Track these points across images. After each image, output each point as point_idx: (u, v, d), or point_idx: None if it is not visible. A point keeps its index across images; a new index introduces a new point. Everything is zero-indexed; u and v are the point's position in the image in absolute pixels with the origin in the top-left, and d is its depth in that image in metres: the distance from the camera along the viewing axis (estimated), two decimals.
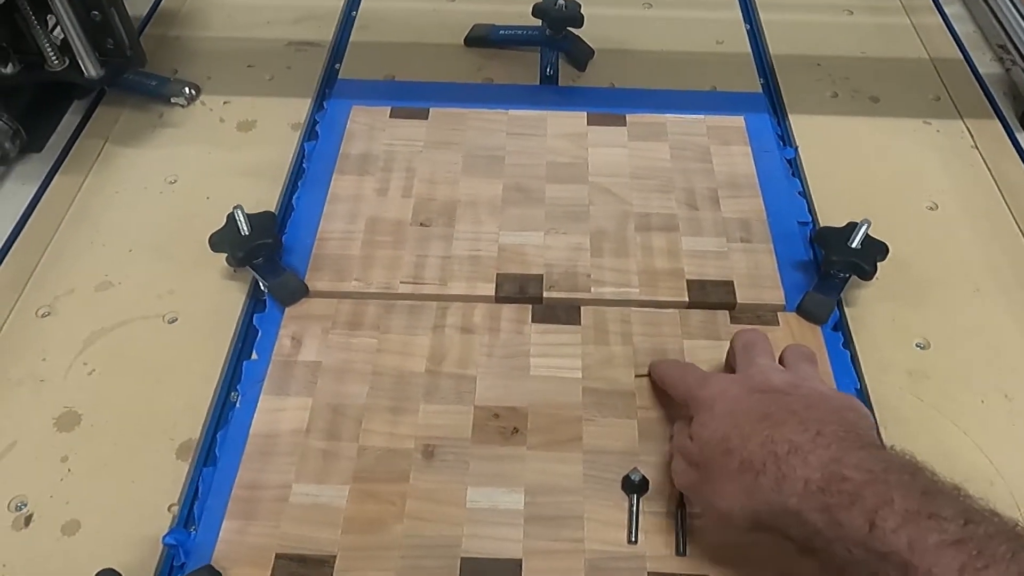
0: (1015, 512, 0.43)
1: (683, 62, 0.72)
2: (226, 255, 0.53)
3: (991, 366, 0.50)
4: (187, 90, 0.67)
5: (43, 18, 0.58)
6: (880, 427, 0.47)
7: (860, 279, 0.52)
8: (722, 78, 0.70)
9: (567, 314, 0.52)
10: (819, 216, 0.59)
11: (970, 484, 0.44)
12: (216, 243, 0.53)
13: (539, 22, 0.70)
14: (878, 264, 0.52)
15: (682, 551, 0.42)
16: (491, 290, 0.53)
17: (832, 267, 0.52)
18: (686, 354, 0.50)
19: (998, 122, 0.66)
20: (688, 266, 0.55)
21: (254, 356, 0.50)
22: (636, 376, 0.49)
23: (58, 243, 0.57)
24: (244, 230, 0.52)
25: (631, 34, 0.74)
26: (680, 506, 0.43)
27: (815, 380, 0.43)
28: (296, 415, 0.47)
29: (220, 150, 0.64)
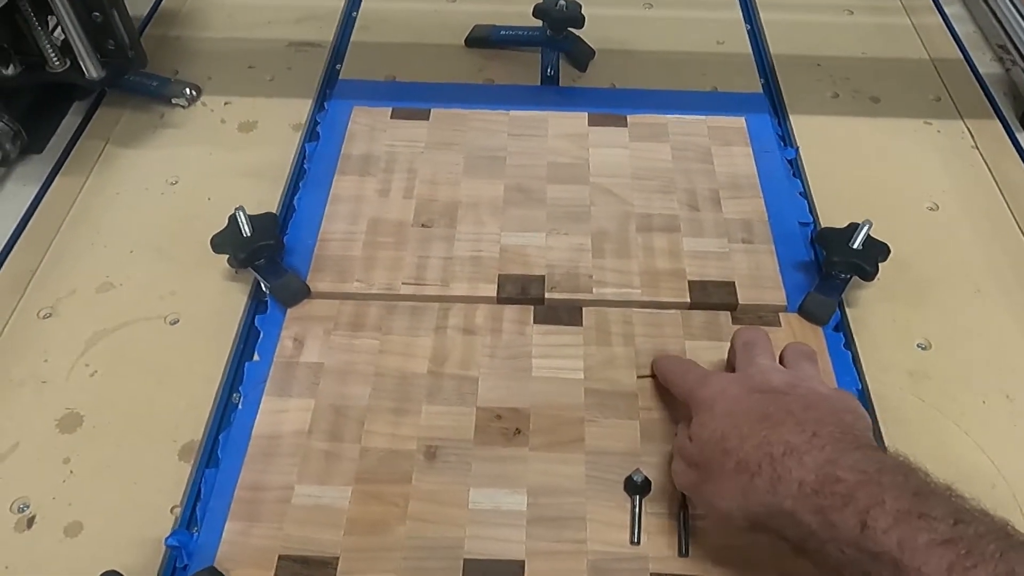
0: (1017, 513, 0.44)
1: (684, 62, 0.72)
2: (228, 256, 0.53)
3: (992, 366, 0.50)
4: (188, 91, 0.67)
5: (44, 19, 0.58)
6: (881, 427, 0.47)
7: (861, 280, 0.52)
8: (723, 78, 0.70)
9: (569, 315, 0.52)
10: (820, 217, 0.59)
11: (972, 485, 0.44)
12: (218, 244, 0.53)
13: (540, 23, 0.70)
14: (879, 265, 0.52)
15: (684, 552, 0.42)
16: (493, 291, 0.53)
17: (833, 268, 0.52)
18: (688, 355, 0.50)
19: (998, 122, 0.66)
20: (690, 267, 0.55)
21: (256, 357, 0.50)
22: (638, 377, 0.49)
23: (59, 244, 0.57)
24: (246, 231, 0.52)
25: (632, 35, 0.74)
26: (682, 507, 0.43)
27: (815, 380, 0.43)
28: (298, 416, 0.47)
29: (221, 151, 0.64)
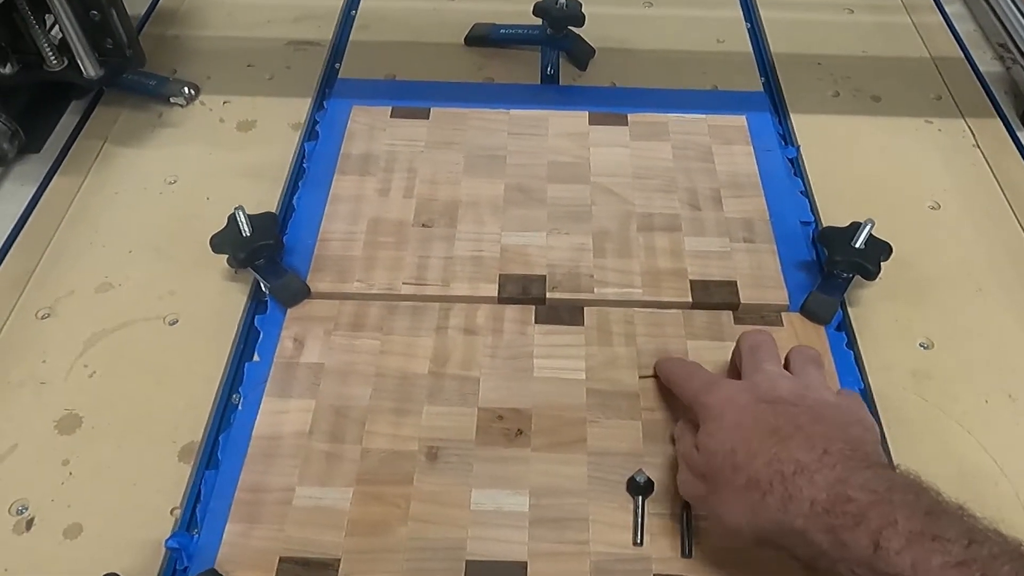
0: (1020, 512, 0.44)
1: (684, 61, 0.72)
2: (227, 256, 0.53)
3: (994, 365, 0.50)
4: (186, 90, 0.67)
5: (41, 18, 0.58)
6: (884, 427, 0.47)
7: (864, 279, 0.52)
8: (723, 77, 0.70)
9: (570, 315, 0.52)
10: (821, 216, 0.59)
11: (974, 484, 0.45)
12: (217, 244, 0.53)
13: (540, 21, 0.70)
14: (881, 264, 0.52)
15: (688, 553, 0.42)
16: (494, 291, 0.53)
17: (836, 267, 0.52)
18: (690, 355, 0.50)
19: (999, 121, 0.66)
20: (691, 266, 0.54)
21: (256, 358, 0.50)
22: (640, 377, 0.49)
23: (57, 244, 0.56)
24: (245, 231, 0.52)
25: (632, 33, 0.74)
26: (685, 508, 0.43)
27: (822, 388, 0.42)
28: (299, 417, 0.47)
29: (220, 150, 0.63)
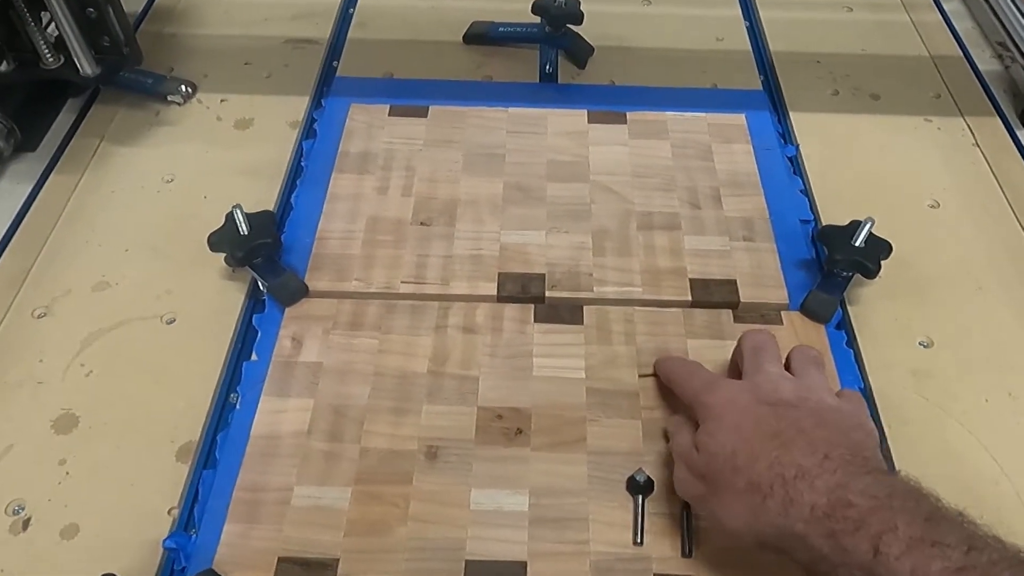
0: (1020, 511, 0.44)
1: (683, 59, 0.71)
2: (225, 255, 0.52)
3: (994, 364, 0.50)
4: (183, 88, 0.66)
5: (38, 15, 0.57)
6: (884, 426, 0.47)
7: (864, 278, 0.52)
8: (722, 75, 0.70)
9: (570, 314, 0.52)
10: (820, 214, 0.58)
11: (975, 483, 0.45)
12: (215, 243, 0.52)
13: (538, 19, 0.69)
14: (881, 262, 0.52)
15: (688, 552, 0.42)
16: (493, 290, 0.53)
17: (836, 266, 0.52)
18: (690, 354, 0.50)
19: (998, 119, 0.66)
20: (691, 265, 0.54)
21: (254, 357, 0.50)
22: (640, 376, 0.49)
23: (54, 243, 0.56)
24: (243, 230, 0.52)
25: (631, 31, 0.74)
26: (686, 507, 0.43)
27: (823, 390, 0.42)
28: (297, 416, 0.47)
29: (217, 148, 0.63)
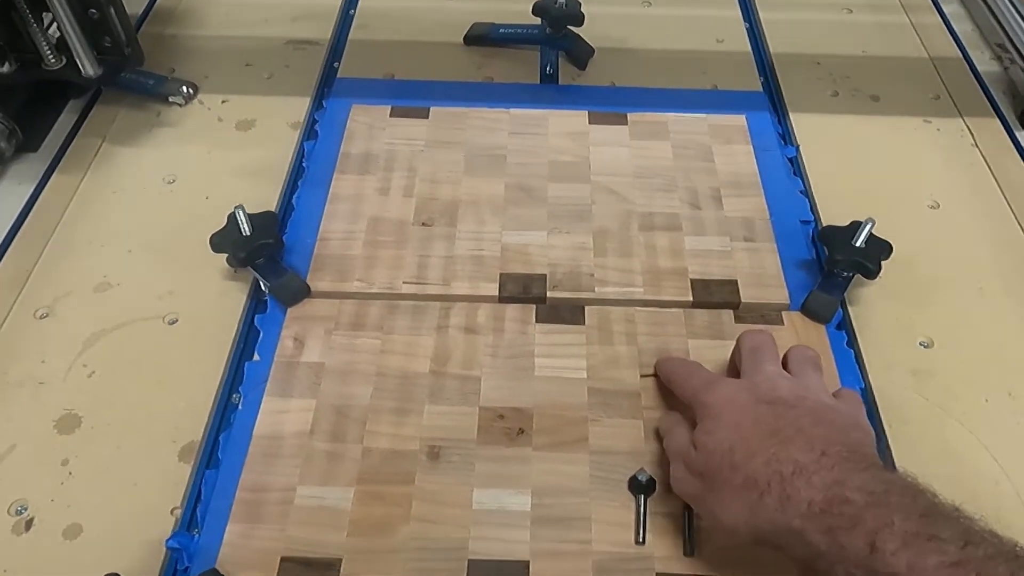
0: (1021, 510, 0.44)
1: (683, 60, 0.72)
2: (227, 255, 0.52)
3: (995, 364, 0.50)
4: (185, 89, 0.66)
5: (40, 16, 0.57)
6: (885, 426, 0.47)
7: (864, 278, 0.52)
8: (722, 77, 0.70)
9: (571, 314, 0.52)
10: (820, 215, 0.59)
11: (975, 483, 0.45)
12: (217, 243, 0.52)
13: (539, 20, 0.70)
14: (881, 263, 0.52)
15: (690, 551, 0.42)
16: (494, 290, 0.53)
17: (836, 266, 0.52)
18: (691, 354, 0.50)
19: (998, 120, 0.66)
20: (692, 265, 0.54)
21: (256, 357, 0.50)
22: (641, 376, 0.49)
23: (56, 244, 0.56)
24: (245, 230, 0.52)
25: (631, 32, 0.74)
26: (687, 506, 0.43)
27: (820, 390, 0.42)
28: (300, 417, 0.47)
29: (219, 149, 0.63)
